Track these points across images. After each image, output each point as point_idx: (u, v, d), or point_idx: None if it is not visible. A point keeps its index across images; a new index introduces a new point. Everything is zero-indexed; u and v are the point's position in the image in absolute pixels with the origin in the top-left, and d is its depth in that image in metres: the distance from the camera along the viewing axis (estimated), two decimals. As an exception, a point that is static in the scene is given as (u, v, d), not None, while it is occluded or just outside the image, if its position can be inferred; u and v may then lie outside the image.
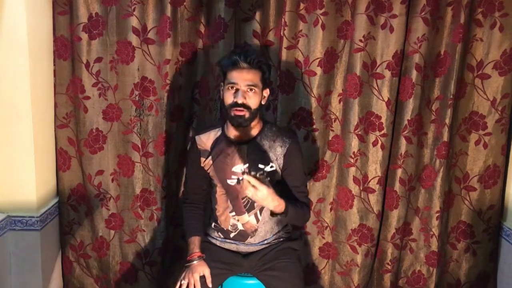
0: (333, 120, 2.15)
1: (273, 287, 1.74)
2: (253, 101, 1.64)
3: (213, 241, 1.85)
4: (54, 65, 2.04)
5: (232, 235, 1.80)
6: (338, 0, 2.03)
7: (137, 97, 2.07)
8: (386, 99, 2.09)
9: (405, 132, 2.13)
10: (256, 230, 1.78)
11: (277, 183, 1.73)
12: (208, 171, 1.78)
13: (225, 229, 1.80)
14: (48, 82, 2.01)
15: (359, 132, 2.14)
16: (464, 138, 2.15)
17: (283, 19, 2.03)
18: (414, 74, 2.06)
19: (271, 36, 2.07)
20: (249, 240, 1.80)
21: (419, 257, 2.25)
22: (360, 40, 2.05)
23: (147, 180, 2.14)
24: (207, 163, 1.77)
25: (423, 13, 2.00)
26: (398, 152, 2.15)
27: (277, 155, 1.72)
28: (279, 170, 1.73)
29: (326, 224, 2.24)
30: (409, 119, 2.11)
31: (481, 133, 2.12)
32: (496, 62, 2.04)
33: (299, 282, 1.75)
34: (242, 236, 1.79)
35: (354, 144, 2.15)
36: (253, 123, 1.70)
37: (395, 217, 2.20)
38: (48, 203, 2.06)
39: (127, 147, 2.12)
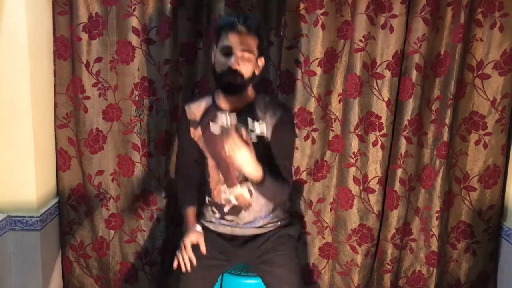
0: (333, 120, 2.15)
1: (269, 283, 1.70)
2: (247, 68, 1.50)
3: (207, 224, 1.76)
4: (54, 65, 2.04)
5: (226, 209, 1.70)
6: (338, 0, 2.03)
7: (137, 97, 2.07)
8: (386, 99, 2.10)
9: (405, 132, 2.13)
10: (250, 204, 1.68)
11: (263, 156, 1.54)
12: (198, 142, 1.69)
13: (219, 203, 1.71)
14: (48, 82, 2.01)
15: (359, 132, 2.14)
16: (464, 138, 2.15)
17: (283, 19, 2.03)
18: (414, 74, 2.06)
19: (271, 36, 2.07)
20: (243, 215, 1.69)
21: (419, 257, 2.25)
22: (360, 40, 2.05)
23: (147, 180, 2.14)
24: (196, 133, 1.67)
25: (423, 13, 2.00)
26: (398, 152, 2.15)
27: (267, 125, 1.59)
28: (267, 138, 1.60)
29: (326, 224, 2.24)
30: (409, 119, 2.11)
31: (481, 133, 2.12)
32: (496, 62, 2.04)
33: (295, 279, 1.69)
34: (236, 210, 1.69)
35: (354, 144, 2.15)
36: (245, 93, 1.58)
37: (395, 217, 2.20)
38: (48, 203, 2.06)
39: (127, 147, 2.12)
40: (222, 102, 1.62)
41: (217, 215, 1.74)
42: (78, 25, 2.00)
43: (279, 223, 1.78)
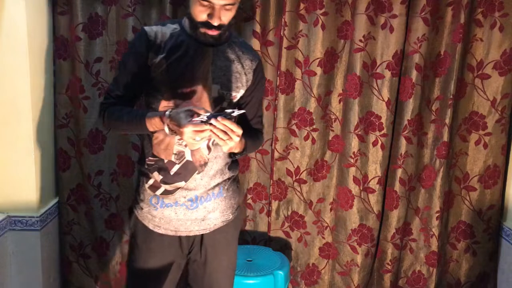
0: (333, 120, 2.15)
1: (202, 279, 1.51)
2: (228, 17, 1.32)
3: (147, 207, 1.43)
4: (54, 65, 2.04)
5: (174, 168, 1.38)
6: (338, 0, 2.03)
7: (137, 97, 2.06)
8: (386, 99, 2.10)
9: (405, 132, 2.13)
10: (205, 163, 1.40)
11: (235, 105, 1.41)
12: (155, 74, 1.35)
13: (166, 161, 1.38)
14: (48, 82, 2.01)
15: (359, 132, 2.14)
16: (464, 138, 2.15)
17: (283, 19, 2.03)
18: (414, 74, 2.06)
19: (271, 36, 2.07)
20: (194, 181, 1.40)
21: (419, 257, 2.25)
22: (360, 40, 2.05)
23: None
24: (158, 62, 1.34)
25: (423, 13, 2.00)
26: (398, 152, 2.15)
27: (246, 68, 1.43)
28: (245, 86, 1.44)
29: (326, 224, 2.24)
30: (409, 119, 2.11)
31: (481, 133, 2.12)
32: (496, 62, 2.04)
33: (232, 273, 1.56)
34: (188, 171, 1.39)
35: (354, 144, 2.15)
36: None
37: (395, 217, 2.20)
38: (48, 203, 2.06)
39: (127, 147, 2.12)
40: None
41: (161, 187, 1.41)
42: (78, 25, 2.00)
43: (230, 216, 1.51)
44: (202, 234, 1.47)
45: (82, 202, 2.18)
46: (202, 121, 1.20)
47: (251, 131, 1.46)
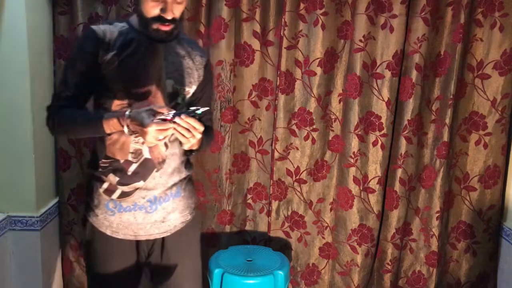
0: (333, 120, 2.15)
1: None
2: (179, 11, 1.30)
3: (102, 214, 1.38)
4: (54, 65, 2.04)
5: (132, 168, 1.35)
6: (338, 0, 2.03)
7: (137, 97, 2.06)
8: (386, 99, 2.10)
9: (405, 132, 2.13)
10: (164, 160, 1.38)
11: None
12: (105, 72, 1.31)
13: (122, 161, 1.34)
14: (48, 82, 2.01)
15: (359, 132, 2.14)
16: (464, 138, 2.15)
17: (283, 19, 2.03)
18: (414, 74, 2.06)
19: (271, 36, 2.07)
20: (153, 179, 1.37)
21: (419, 257, 2.25)
22: (360, 40, 2.05)
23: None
24: (109, 59, 1.30)
25: (423, 13, 2.00)
26: (398, 152, 2.15)
27: (196, 64, 1.43)
28: (197, 82, 1.43)
29: (326, 224, 2.24)
30: (409, 119, 2.11)
31: (481, 133, 2.12)
32: (496, 62, 2.04)
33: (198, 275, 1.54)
34: (146, 169, 1.35)
35: (354, 144, 2.15)
36: None
37: (395, 217, 2.20)
38: (48, 203, 2.06)
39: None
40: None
41: (117, 190, 1.36)
42: (78, 25, 2.00)
43: (189, 216, 1.49)
44: (163, 238, 1.43)
45: (83, 202, 2.17)
46: (164, 119, 1.18)
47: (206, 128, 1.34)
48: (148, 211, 1.39)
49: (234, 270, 1.90)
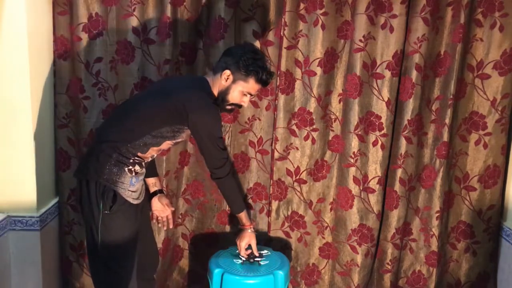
0: (333, 120, 2.15)
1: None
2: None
3: (128, 186, 1.67)
4: (54, 65, 2.04)
5: (146, 161, 1.75)
6: (338, 0, 2.03)
7: (137, 97, 2.06)
8: (386, 99, 2.10)
9: (405, 132, 2.13)
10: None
11: None
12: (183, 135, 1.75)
13: (145, 161, 1.74)
14: (48, 82, 2.01)
15: (359, 132, 2.15)
16: (464, 138, 2.15)
17: (283, 19, 2.03)
18: (414, 74, 2.06)
19: (271, 36, 2.07)
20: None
21: (419, 257, 2.25)
22: (360, 40, 2.05)
23: (147, 180, 2.14)
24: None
25: (423, 13, 2.00)
26: (398, 152, 2.15)
27: None
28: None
29: (326, 224, 2.24)
30: (409, 119, 2.11)
31: (481, 133, 2.12)
32: (496, 62, 2.04)
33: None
34: (149, 162, 1.79)
35: (354, 144, 2.15)
36: None
37: (395, 217, 2.20)
38: (48, 203, 2.06)
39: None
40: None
41: (137, 171, 1.70)
42: (78, 25, 2.00)
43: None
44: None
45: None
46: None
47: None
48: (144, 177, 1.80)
49: (234, 270, 1.90)
